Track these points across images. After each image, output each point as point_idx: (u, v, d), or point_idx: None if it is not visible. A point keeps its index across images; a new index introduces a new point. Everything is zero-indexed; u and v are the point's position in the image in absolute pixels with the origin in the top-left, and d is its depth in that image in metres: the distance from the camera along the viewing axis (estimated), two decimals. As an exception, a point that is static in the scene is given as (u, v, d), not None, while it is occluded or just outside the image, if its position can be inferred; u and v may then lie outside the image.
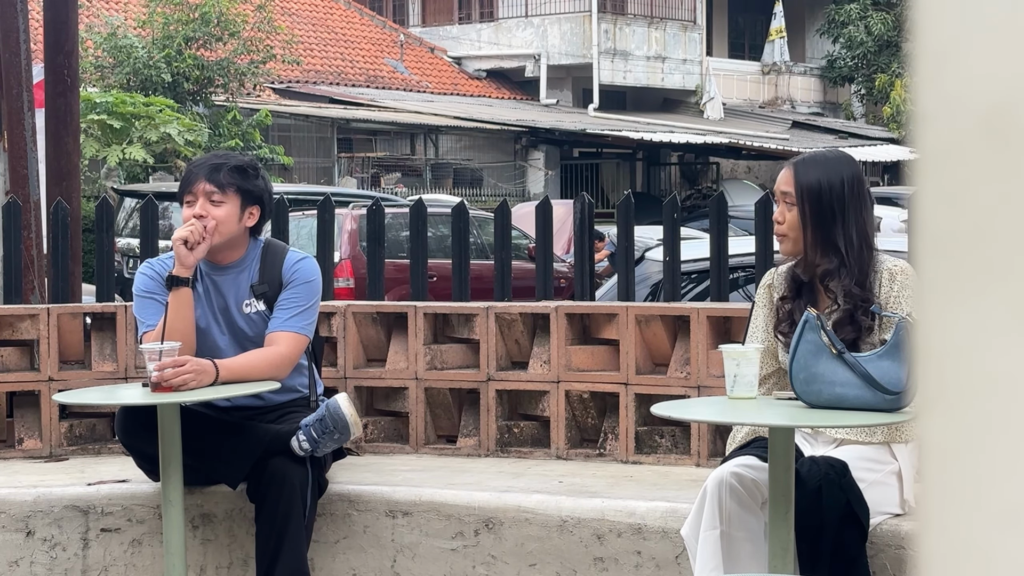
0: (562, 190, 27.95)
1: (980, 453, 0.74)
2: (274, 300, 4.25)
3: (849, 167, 3.65)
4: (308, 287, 4.27)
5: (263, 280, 4.26)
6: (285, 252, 4.34)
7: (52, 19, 6.57)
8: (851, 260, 3.55)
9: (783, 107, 34.53)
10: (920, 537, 0.77)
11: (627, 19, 31.71)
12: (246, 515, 4.23)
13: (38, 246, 6.15)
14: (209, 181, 4.19)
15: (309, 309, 4.26)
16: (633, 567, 3.98)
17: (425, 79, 30.37)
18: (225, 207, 4.20)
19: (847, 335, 3.52)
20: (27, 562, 4.29)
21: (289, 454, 4.07)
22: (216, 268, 4.29)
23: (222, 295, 4.27)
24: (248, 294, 4.27)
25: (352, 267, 12.17)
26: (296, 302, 4.23)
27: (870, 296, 3.55)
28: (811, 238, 3.59)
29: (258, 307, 4.26)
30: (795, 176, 3.62)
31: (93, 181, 18.34)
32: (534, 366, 4.82)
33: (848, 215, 3.57)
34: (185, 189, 4.23)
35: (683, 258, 5.11)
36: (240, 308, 4.27)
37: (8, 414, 5.00)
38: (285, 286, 4.25)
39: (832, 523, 3.42)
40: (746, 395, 3.48)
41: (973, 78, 0.74)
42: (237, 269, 4.29)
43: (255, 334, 4.25)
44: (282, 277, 4.26)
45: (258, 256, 4.30)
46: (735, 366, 3.49)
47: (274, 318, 4.24)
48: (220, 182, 4.19)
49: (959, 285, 0.75)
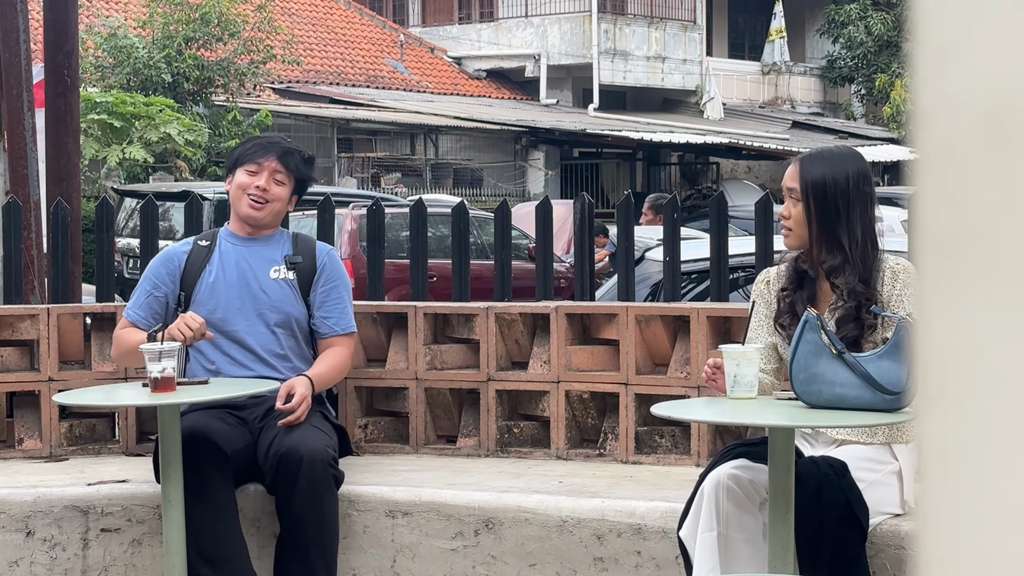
0: (562, 190, 27.95)
1: (980, 453, 0.74)
2: (306, 275, 4.47)
3: (855, 163, 3.65)
4: (347, 281, 4.60)
5: (297, 253, 4.51)
6: (315, 240, 4.66)
7: (52, 19, 6.57)
8: (855, 257, 3.55)
9: (783, 107, 34.53)
10: (920, 537, 0.77)
11: (627, 19, 31.71)
12: (246, 515, 4.23)
13: (38, 246, 6.15)
14: (280, 161, 4.45)
15: (350, 303, 4.57)
16: (633, 567, 3.98)
17: (425, 79, 30.37)
18: (285, 188, 4.48)
19: (850, 332, 3.52)
20: (27, 562, 4.29)
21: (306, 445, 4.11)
22: (246, 240, 4.51)
23: (248, 262, 4.47)
24: (279, 261, 4.49)
25: (352, 267, 12.17)
26: (342, 298, 4.51)
27: (874, 294, 3.55)
28: (815, 233, 3.59)
29: (287, 275, 4.48)
30: (801, 171, 3.62)
31: (93, 181, 18.34)
32: (534, 366, 4.82)
33: (853, 211, 3.57)
34: (252, 159, 4.44)
35: (683, 258, 5.11)
36: (268, 273, 4.46)
37: (8, 414, 5.00)
38: (320, 272, 4.49)
39: (832, 523, 3.42)
40: (746, 395, 3.48)
41: (973, 78, 0.74)
42: (268, 241, 4.53)
43: (276, 298, 4.44)
44: (316, 259, 4.51)
45: (288, 237, 4.56)
46: (735, 366, 3.49)
47: (326, 318, 4.48)
48: (290, 166, 4.47)
49: (959, 285, 0.75)
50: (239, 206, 4.46)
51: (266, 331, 4.39)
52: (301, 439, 4.11)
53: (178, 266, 4.46)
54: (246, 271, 4.45)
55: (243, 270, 4.45)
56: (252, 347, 4.37)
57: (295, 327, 4.42)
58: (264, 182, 4.43)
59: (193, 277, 4.44)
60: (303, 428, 4.16)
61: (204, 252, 4.49)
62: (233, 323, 4.38)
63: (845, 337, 3.51)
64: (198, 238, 4.58)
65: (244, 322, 4.39)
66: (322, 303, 4.46)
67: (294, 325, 4.42)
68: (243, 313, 4.39)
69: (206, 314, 4.32)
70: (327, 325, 4.45)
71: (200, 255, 4.48)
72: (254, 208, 4.44)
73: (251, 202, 4.44)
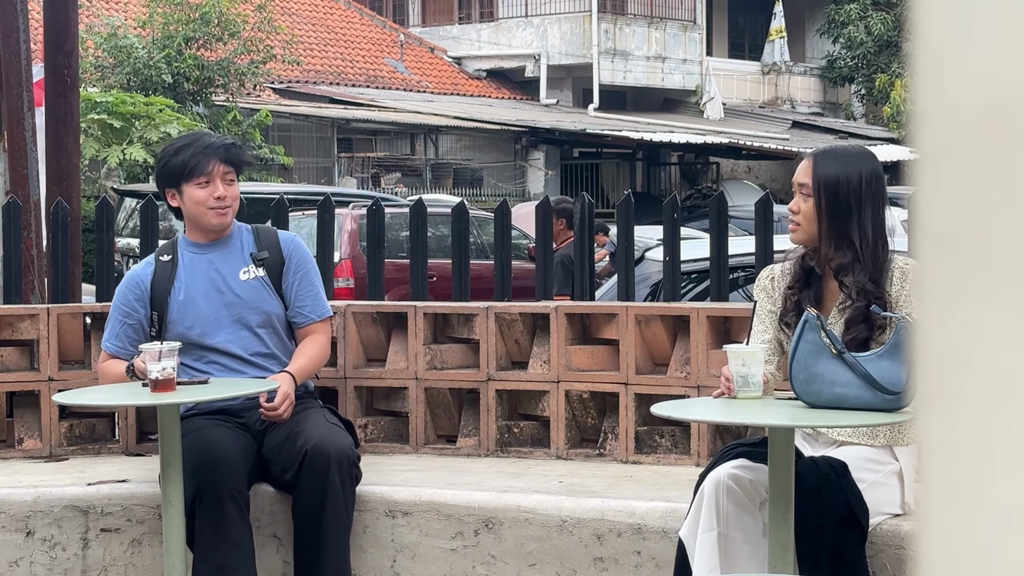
0: (562, 190, 27.94)
1: (980, 453, 0.74)
2: (275, 268, 4.40)
3: (868, 162, 3.64)
4: (314, 265, 4.53)
5: (262, 248, 4.42)
6: (276, 230, 4.57)
7: (52, 19, 6.57)
8: (865, 256, 3.54)
9: (783, 107, 34.53)
10: (920, 537, 0.76)
11: (627, 19, 31.70)
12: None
13: (38, 246, 6.15)
14: (225, 162, 4.34)
15: (321, 286, 4.52)
16: (633, 567, 3.98)
17: (425, 79, 30.37)
18: (236, 184, 4.41)
19: (860, 333, 3.51)
20: (27, 562, 4.29)
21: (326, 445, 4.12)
22: (208, 246, 4.41)
23: (215, 268, 4.38)
24: (246, 261, 4.40)
25: (352, 267, 12.17)
26: (314, 285, 4.46)
27: (883, 293, 3.55)
28: (825, 231, 3.59)
29: (257, 273, 4.40)
30: (813, 168, 3.61)
31: (93, 181, 18.34)
32: (534, 366, 4.82)
33: (864, 210, 3.57)
34: (199, 170, 4.30)
35: (683, 258, 5.11)
36: (239, 276, 4.39)
37: (8, 414, 5.00)
38: (289, 262, 4.42)
39: (832, 524, 3.42)
40: (752, 395, 3.48)
41: (973, 78, 0.74)
42: (229, 242, 4.43)
43: (251, 299, 4.37)
44: (281, 249, 4.43)
45: (247, 231, 4.46)
46: (741, 366, 3.48)
47: (302, 307, 4.42)
48: (234, 161, 4.37)
49: (959, 285, 0.75)
50: (203, 220, 4.34)
51: (248, 334, 4.35)
52: (327, 437, 4.11)
53: (144, 290, 4.37)
54: (215, 279, 4.37)
55: (212, 279, 4.37)
56: (238, 353, 4.33)
57: (276, 323, 4.39)
58: (221, 190, 4.31)
59: (162, 296, 4.35)
60: (324, 427, 4.17)
61: (168, 268, 4.38)
62: (214, 335, 4.33)
63: (855, 338, 3.50)
64: (158, 254, 4.46)
65: (224, 332, 4.33)
66: (296, 293, 4.42)
67: (275, 321, 4.39)
68: (220, 323, 4.34)
69: (184, 331, 4.29)
70: (302, 314, 4.42)
71: (164, 272, 4.38)
72: (222, 217, 4.35)
73: (216, 213, 4.33)
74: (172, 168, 4.32)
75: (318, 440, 4.09)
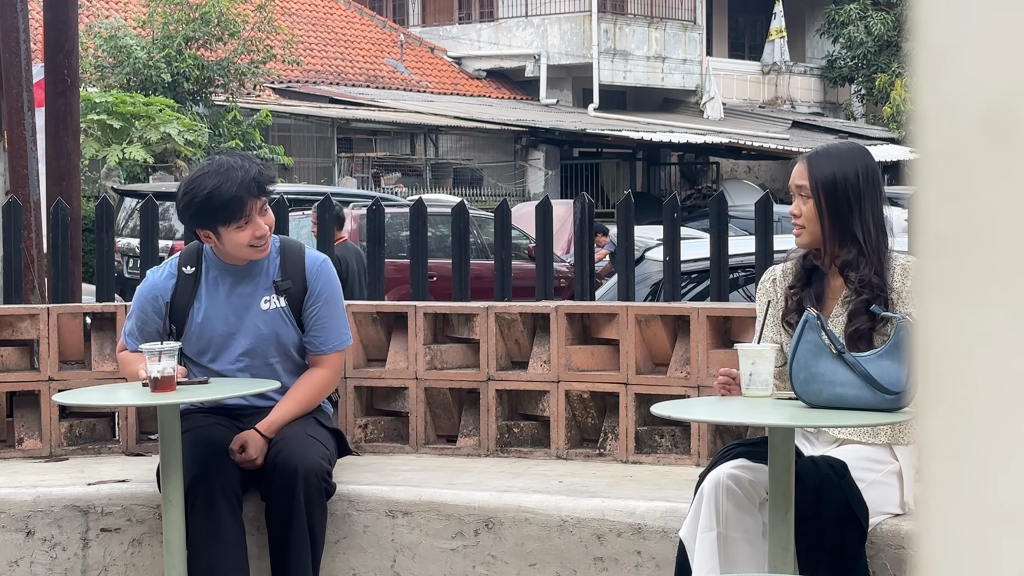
0: (562, 190, 27.96)
1: (980, 453, 0.74)
2: (298, 298, 4.27)
3: (863, 158, 3.66)
4: (338, 294, 4.34)
5: (285, 276, 4.27)
6: (303, 250, 4.36)
7: (52, 19, 6.57)
8: (869, 249, 3.56)
9: (783, 107, 34.53)
10: (920, 537, 0.77)
11: (627, 19, 31.70)
12: (245, 515, 4.23)
13: (38, 246, 6.15)
14: (259, 198, 4.14)
15: (343, 315, 4.37)
16: (633, 567, 3.98)
17: (425, 79, 30.37)
18: (270, 212, 4.23)
19: (863, 324, 3.52)
20: (27, 562, 4.29)
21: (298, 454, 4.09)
22: (233, 269, 4.28)
23: (239, 294, 4.27)
24: (269, 290, 4.27)
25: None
26: (332, 315, 4.30)
27: (886, 287, 3.56)
28: (828, 230, 3.60)
29: (278, 303, 4.27)
30: (810, 169, 3.62)
31: (93, 181, 18.34)
32: (534, 366, 4.82)
33: (864, 205, 3.58)
34: (237, 216, 4.10)
35: (683, 258, 5.11)
36: (260, 304, 4.27)
37: (8, 414, 5.00)
38: (311, 289, 4.27)
39: (831, 523, 3.42)
40: (761, 393, 3.48)
41: (973, 78, 0.74)
42: (256, 268, 4.28)
43: (270, 332, 4.25)
44: (306, 276, 4.27)
45: (275, 248, 4.30)
46: (750, 364, 3.48)
47: (314, 337, 4.28)
48: (264, 190, 4.17)
49: (959, 285, 0.75)
50: (242, 254, 4.19)
51: (260, 364, 4.27)
52: (296, 452, 4.08)
53: (164, 304, 4.27)
54: (236, 305, 4.26)
55: (233, 304, 4.26)
56: None
57: (291, 351, 4.30)
58: (262, 227, 4.15)
59: (182, 311, 4.26)
60: (299, 439, 4.13)
61: (190, 284, 4.27)
62: (223, 362, 4.25)
63: (858, 329, 3.52)
64: (181, 263, 4.31)
65: (235, 363, 4.25)
66: (313, 323, 4.29)
67: (290, 350, 4.30)
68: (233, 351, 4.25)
69: (195, 355, 4.25)
70: (314, 344, 4.30)
71: (187, 287, 4.27)
72: (262, 252, 4.22)
73: (258, 250, 4.20)
74: (205, 212, 4.11)
75: (288, 455, 4.07)
